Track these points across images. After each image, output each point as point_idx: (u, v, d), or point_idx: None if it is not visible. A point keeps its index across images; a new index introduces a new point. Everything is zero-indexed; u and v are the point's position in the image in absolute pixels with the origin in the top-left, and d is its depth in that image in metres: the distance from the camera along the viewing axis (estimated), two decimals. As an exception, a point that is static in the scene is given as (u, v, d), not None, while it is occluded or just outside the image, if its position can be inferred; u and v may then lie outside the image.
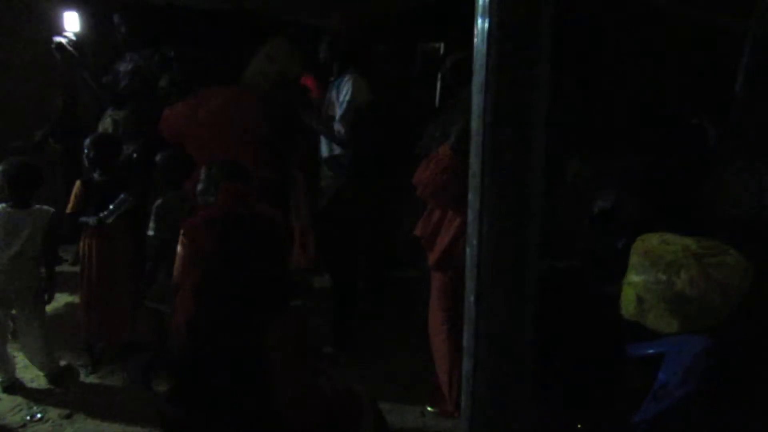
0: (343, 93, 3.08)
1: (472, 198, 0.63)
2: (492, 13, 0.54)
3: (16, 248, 2.62)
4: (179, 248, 2.34)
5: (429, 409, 2.71)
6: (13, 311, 2.75)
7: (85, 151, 2.94)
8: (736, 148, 3.05)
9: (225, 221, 1.81)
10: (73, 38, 3.28)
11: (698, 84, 3.85)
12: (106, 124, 3.59)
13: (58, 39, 3.24)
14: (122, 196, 2.88)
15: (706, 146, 2.95)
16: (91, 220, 2.85)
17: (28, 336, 2.77)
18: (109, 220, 2.85)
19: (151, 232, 2.81)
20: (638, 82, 4.18)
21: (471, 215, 0.64)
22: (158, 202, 2.84)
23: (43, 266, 2.77)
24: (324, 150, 3.26)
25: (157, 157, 2.95)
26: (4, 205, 2.65)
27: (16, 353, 2.88)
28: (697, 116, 3.00)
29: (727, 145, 3.09)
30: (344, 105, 3.06)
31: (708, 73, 3.69)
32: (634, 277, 1.94)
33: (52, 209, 2.75)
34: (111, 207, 2.86)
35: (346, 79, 3.11)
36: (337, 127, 3.07)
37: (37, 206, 2.71)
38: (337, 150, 3.18)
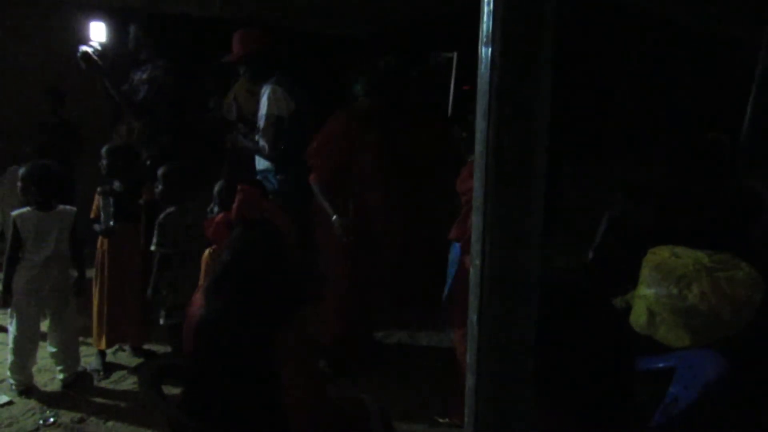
0: (261, 106, 3.04)
1: (476, 219, 0.65)
2: (495, 41, 0.56)
3: (49, 250, 2.71)
4: (206, 254, 2.38)
5: (439, 420, 2.70)
6: (47, 312, 2.81)
7: (102, 160, 2.99)
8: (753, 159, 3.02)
9: (236, 225, 1.84)
10: (99, 48, 3.34)
11: (713, 95, 3.83)
12: (121, 132, 3.66)
13: (84, 48, 3.29)
14: (101, 200, 2.88)
15: (721, 158, 2.93)
16: (97, 228, 2.92)
17: (62, 333, 2.83)
18: (111, 222, 2.88)
19: (153, 247, 2.84)
20: (652, 95, 4.17)
21: (474, 236, 0.66)
22: (161, 216, 2.86)
23: (73, 264, 2.84)
24: (257, 164, 3.22)
25: (159, 171, 2.91)
26: (29, 208, 2.72)
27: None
28: (713, 128, 2.99)
29: (742, 157, 3.07)
30: (262, 119, 3.02)
31: (722, 85, 3.67)
32: (645, 290, 1.94)
33: (74, 209, 2.82)
34: (102, 215, 2.89)
35: (263, 90, 3.07)
36: (261, 143, 3.02)
37: (61, 207, 2.78)
38: (262, 165, 3.13)
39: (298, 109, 3.09)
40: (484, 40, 0.57)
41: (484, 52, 0.57)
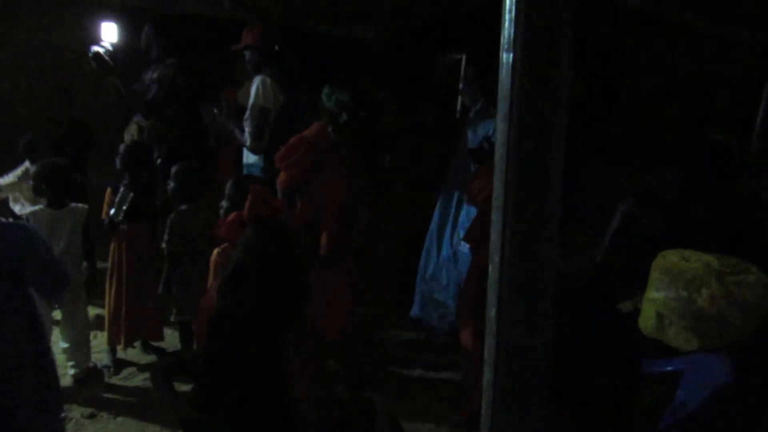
0: (250, 96, 3.03)
1: (495, 218, 0.67)
2: (516, 48, 0.58)
3: (61, 247, 2.73)
4: (214, 254, 2.41)
5: (447, 417, 2.71)
6: (57, 308, 2.85)
7: (119, 156, 3.02)
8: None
9: (249, 224, 1.86)
10: (110, 48, 3.37)
11: (723, 98, 3.81)
12: (131, 131, 3.69)
13: (95, 48, 3.32)
14: (121, 190, 2.89)
15: (730, 161, 2.92)
16: (105, 223, 2.94)
17: (73, 329, 2.87)
18: (119, 217, 2.89)
19: (163, 245, 2.87)
20: (660, 97, 4.15)
21: (494, 234, 0.68)
22: (172, 214, 2.89)
23: (85, 260, 2.87)
24: (245, 159, 3.22)
25: (173, 169, 2.94)
26: (41, 206, 2.75)
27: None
28: (721, 131, 2.98)
29: (753, 160, 3.06)
30: (248, 109, 3.01)
31: (732, 88, 3.66)
32: (653, 294, 1.94)
33: (86, 206, 2.85)
34: (115, 206, 2.90)
35: (254, 81, 3.06)
36: (245, 132, 3.02)
37: (73, 204, 2.81)
38: (250, 160, 3.12)
39: (289, 105, 3.08)
40: (506, 46, 0.58)
41: (505, 57, 0.58)
